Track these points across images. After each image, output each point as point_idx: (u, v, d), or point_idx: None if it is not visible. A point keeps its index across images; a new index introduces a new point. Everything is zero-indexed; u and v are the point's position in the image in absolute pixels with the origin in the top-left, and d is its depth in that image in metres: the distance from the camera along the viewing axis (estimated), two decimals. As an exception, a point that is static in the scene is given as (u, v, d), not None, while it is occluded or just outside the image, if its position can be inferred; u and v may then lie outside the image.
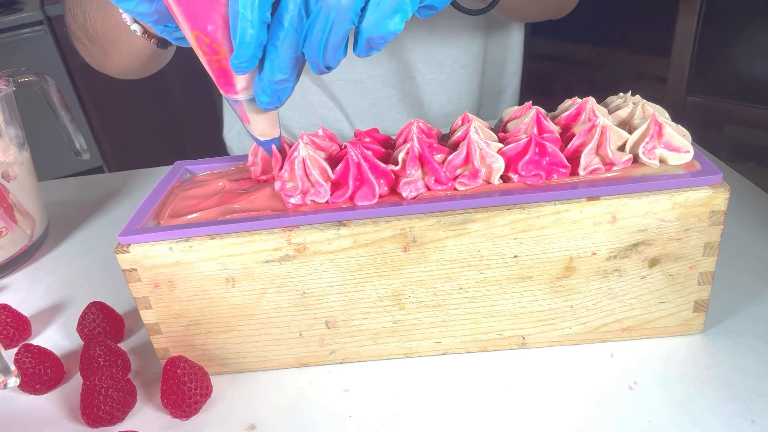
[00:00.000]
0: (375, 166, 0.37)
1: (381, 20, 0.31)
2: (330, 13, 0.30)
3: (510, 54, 0.74)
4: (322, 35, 0.31)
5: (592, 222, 0.36)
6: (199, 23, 0.32)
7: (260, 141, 0.40)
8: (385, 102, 0.70)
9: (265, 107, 0.36)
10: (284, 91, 0.35)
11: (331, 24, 0.30)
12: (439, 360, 0.41)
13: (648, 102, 0.40)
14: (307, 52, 0.32)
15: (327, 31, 0.31)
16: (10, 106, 0.57)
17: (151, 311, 0.40)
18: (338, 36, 0.31)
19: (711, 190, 0.35)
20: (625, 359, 0.39)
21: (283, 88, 0.34)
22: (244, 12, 0.30)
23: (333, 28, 0.31)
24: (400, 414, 0.37)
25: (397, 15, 0.31)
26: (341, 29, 0.31)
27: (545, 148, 0.36)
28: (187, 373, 0.37)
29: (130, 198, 0.73)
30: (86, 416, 0.38)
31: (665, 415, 0.35)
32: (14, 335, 0.47)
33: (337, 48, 0.32)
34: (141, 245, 0.37)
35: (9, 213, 0.57)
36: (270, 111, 0.38)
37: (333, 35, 0.31)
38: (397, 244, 0.37)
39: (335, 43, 0.32)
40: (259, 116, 0.38)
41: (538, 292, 0.38)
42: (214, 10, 0.32)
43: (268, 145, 0.40)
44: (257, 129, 0.39)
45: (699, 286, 0.38)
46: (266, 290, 0.39)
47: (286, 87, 0.35)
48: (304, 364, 0.42)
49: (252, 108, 0.37)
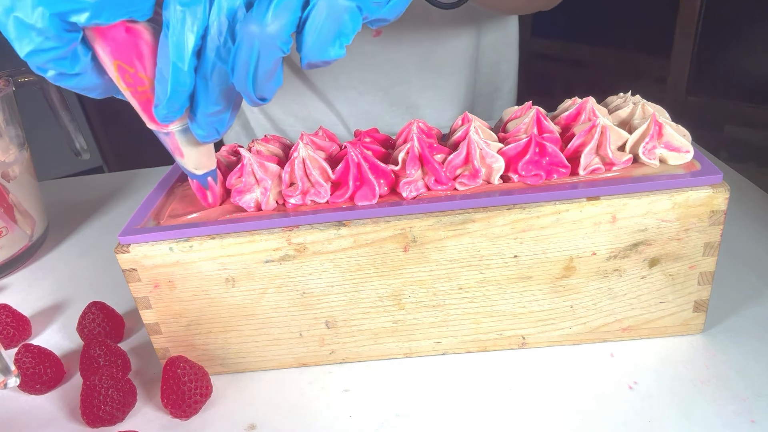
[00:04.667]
0: (375, 166, 0.37)
1: (321, 47, 0.28)
2: (254, 43, 0.27)
3: (504, 51, 0.74)
4: (248, 66, 0.28)
5: (592, 222, 0.36)
6: (122, 52, 0.29)
7: (195, 175, 0.37)
8: (378, 107, 0.70)
9: (203, 140, 0.34)
10: (221, 122, 0.33)
11: (257, 54, 0.28)
12: (439, 360, 0.41)
13: (648, 102, 0.40)
14: (237, 84, 0.30)
15: (254, 61, 0.28)
16: (10, 106, 0.57)
17: (151, 311, 0.40)
18: (267, 66, 0.28)
19: (711, 190, 0.35)
20: (625, 359, 0.39)
21: (219, 119, 0.32)
22: (177, 62, 0.29)
23: (260, 58, 0.28)
24: (400, 414, 0.37)
25: (337, 41, 0.29)
26: (269, 59, 0.28)
27: (545, 148, 0.36)
28: (187, 373, 0.37)
29: (130, 198, 0.73)
30: (86, 416, 0.38)
31: (665, 415, 0.35)
32: (14, 335, 0.47)
33: (268, 78, 0.29)
34: (141, 245, 0.37)
35: (9, 213, 0.57)
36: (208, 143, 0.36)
37: (261, 66, 0.28)
38: (397, 244, 0.37)
39: (265, 73, 0.29)
40: (194, 148, 0.35)
41: (538, 292, 0.38)
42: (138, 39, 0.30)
43: (203, 179, 0.38)
44: (191, 162, 0.36)
45: (699, 286, 0.38)
46: (266, 290, 0.39)
47: (222, 119, 0.33)
48: (304, 364, 0.42)
49: (186, 140, 0.34)
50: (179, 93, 0.30)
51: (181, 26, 0.28)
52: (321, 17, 0.28)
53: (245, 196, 0.38)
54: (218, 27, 0.28)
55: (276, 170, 0.39)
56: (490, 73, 0.75)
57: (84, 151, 0.66)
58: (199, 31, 0.29)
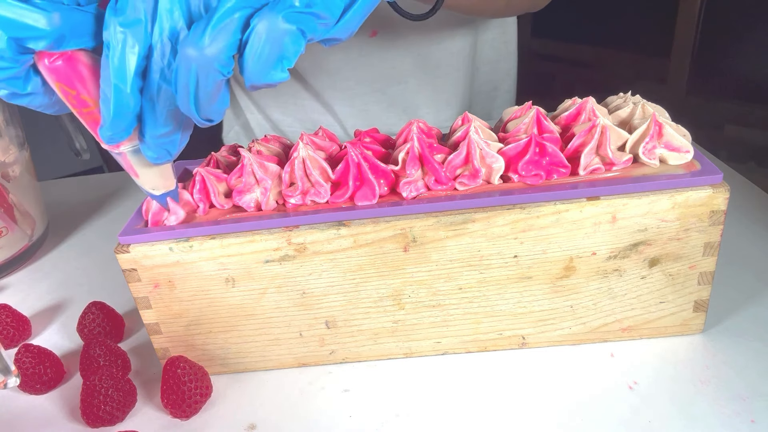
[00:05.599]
0: (375, 166, 0.37)
1: (262, 70, 0.28)
2: (191, 66, 0.27)
3: (502, 50, 0.74)
4: (188, 88, 0.28)
5: (592, 222, 0.36)
6: (61, 75, 0.30)
7: (153, 195, 0.37)
8: (375, 107, 0.70)
9: (155, 162, 0.33)
10: (172, 144, 0.32)
11: (196, 77, 0.27)
12: (439, 360, 0.41)
13: (648, 102, 0.40)
14: (180, 106, 0.29)
15: (193, 84, 0.27)
16: (10, 106, 0.57)
17: (151, 311, 0.40)
18: (207, 89, 0.28)
19: (711, 190, 0.35)
20: (625, 359, 0.39)
21: (170, 141, 0.32)
22: (118, 83, 0.28)
23: (199, 81, 0.27)
24: (400, 414, 0.37)
25: (279, 64, 0.28)
26: (209, 82, 0.27)
27: (545, 148, 0.36)
28: (187, 373, 0.37)
29: (130, 198, 0.73)
30: (86, 416, 0.38)
31: (665, 415, 0.35)
32: (14, 335, 0.47)
33: (211, 100, 0.28)
34: (141, 245, 0.37)
35: (9, 213, 0.57)
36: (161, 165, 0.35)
37: (201, 88, 0.27)
38: (397, 244, 0.37)
39: (206, 95, 0.28)
40: (148, 169, 0.35)
41: (538, 292, 0.38)
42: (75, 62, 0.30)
43: (162, 199, 0.37)
44: (148, 182, 0.36)
45: (699, 286, 0.38)
46: (266, 290, 0.39)
47: (173, 140, 0.32)
48: (304, 364, 0.42)
49: (138, 160, 0.34)
50: (123, 114, 0.29)
51: (122, 47, 0.28)
52: (260, 41, 0.27)
53: (245, 196, 0.38)
54: (161, 48, 0.28)
55: (276, 170, 0.39)
56: (488, 72, 0.75)
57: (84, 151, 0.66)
58: (141, 52, 0.28)
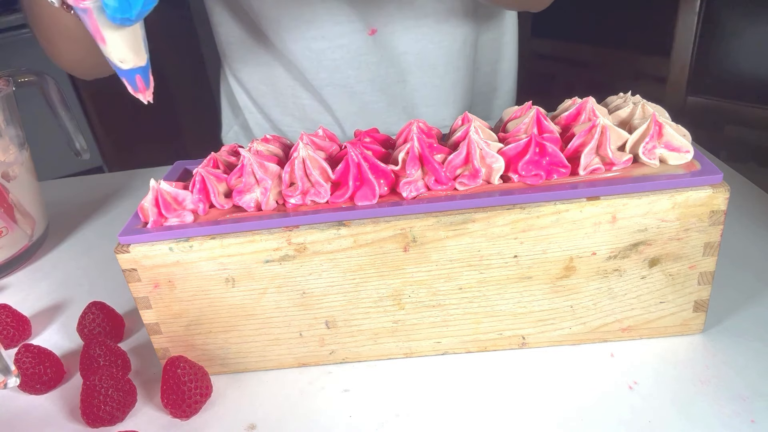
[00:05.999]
0: (375, 166, 0.37)
1: None
2: None
3: (503, 52, 0.74)
4: None
5: (592, 222, 0.36)
6: None
7: (121, 70, 0.34)
8: (374, 106, 0.70)
9: (116, 19, 0.31)
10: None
11: None
12: (439, 360, 0.41)
13: (648, 102, 0.40)
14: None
15: None
16: (10, 106, 0.57)
17: (151, 311, 0.40)
18: None
19: (711, 190, 0.35)
20: (625, 359, 0.39)
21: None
22: None
23: None
24: (400, 414, 0.37)
25: None
26: None
27: (545, 148, 0.36)
28: (187, 373, 0.37)
29: (130, 198, 0.73)
30: (86, 416, 0.38)
31: (665, 415, 0.35)
32: (14, 335, 0.47)
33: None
34: (141, 245, 0.37)
35: (9, 213, 0.57)
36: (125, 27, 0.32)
37: None
38: (397, 244, 0.37)
39: None
40: (115, 34, 0.32)
41: (538, 292, 0.38)
42: None
43: (131, 76, 0.34)
44: (115, 52, 0.33)
45: (699, 286, 0.38)
46: (266, 290, 0.39)
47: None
48: (304, 364, 0.42)
49: (105, 22, 0.32)
50: None
51: None
52: None
53: (245, 196, 0.38)
54: None
55: (276, 170, 0.39)
56: (488, 72, 0.75)
57: (84, 151, 0.66)
58: None
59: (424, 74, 0.68)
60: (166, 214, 0.38)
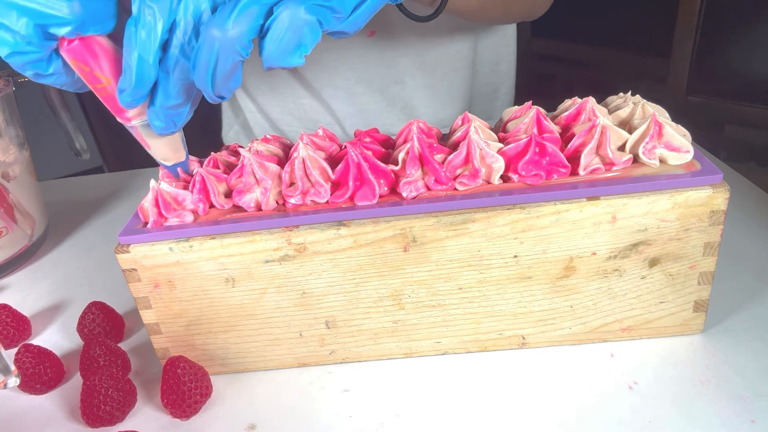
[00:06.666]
0: (375, 166, 0.37)
1: (281, 55, 0.30)
2: (214, 45, 0.29)
3: (503, 52, 0.74)
4: (208, 65, 0.30)
5: (592, 222, 0.36)
6: (77, 54, 0.32)
7: (165, 165, 0.39)
8: (373, 107, 0.70)
9: (160, 132, 0.35)
10: (179, 116, 0.34)
11: (217, 56, 0.29)
12: (439, 360, 0.41)
13: (648, 102, 0.40)
14: (196, 81, 0.31)
15: (213, 61, 0.30)
16: (10, 106, 0.57)
17: (151, 311, 0.40)
18: (225, 67, 0.30)
19: (711, 190, 0.35)
20: (625, 359, 0.39)
21: (177, 113, 0.34)
22: (143, 54, 0.30)
23: (219, 60, 0.30)
24: (400, 414, 0.37)
25: (297, 51, 0.30)
26: (228, 61, 0.30)
27: (545, 148, 0.36)
28: (187, 373, 0.37)
29: (130, 198, 0.73)
30: (86, 416, 0.38)
31: (665, 415, 0.35)
32: (14, 335, 0.47)
33: (226, 79, 0.31)
34: (141, 245, 0.37)
35: (9, 213, 0.57)
36: (167, 135, 0.37)
37: (220, 67, 0.30)
38: (397, 244, 0.37)
39: (223, 74, 0.30)
40: (158, 140, 0.37)
41: (538, 292, 0.38)
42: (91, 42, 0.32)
43: (174, 170, 0.40)
44: (158, 153, 0.38)
45: (699, 286, 0.38)
46: (266, 290, 0.39)
47: (180, 112, 0.34)
48: (304, 364, 0.42)
49: (149, 133, 0.36)
50: (143, 83, 0.32)
51: (149, 22, 0.30)
52: (282, 28, 0.29)
53: (245, 196, 0.38)
54: (184, 25, 0.30)
55: (276, 170, 0.39)
56: (488, 73, 0.75)
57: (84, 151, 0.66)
58: (165, 26, 0.30)
59: (423, 76, 0.68)
60: (166, 214, 0.38)
